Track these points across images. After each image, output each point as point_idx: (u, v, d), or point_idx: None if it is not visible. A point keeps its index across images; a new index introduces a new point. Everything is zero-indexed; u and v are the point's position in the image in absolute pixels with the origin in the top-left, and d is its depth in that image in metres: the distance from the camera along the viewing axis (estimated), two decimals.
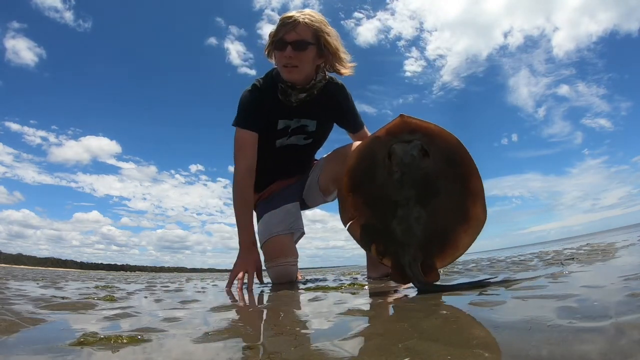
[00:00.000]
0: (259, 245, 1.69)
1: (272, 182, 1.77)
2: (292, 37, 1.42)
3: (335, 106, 1.66)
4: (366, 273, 1.74)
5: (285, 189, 1.75)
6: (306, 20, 1.41)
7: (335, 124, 1.76)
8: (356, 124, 1.75)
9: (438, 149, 0.96)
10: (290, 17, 1.42)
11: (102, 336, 0.51)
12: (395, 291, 1.04)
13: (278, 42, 1.44)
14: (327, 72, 1.58)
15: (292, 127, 1.64)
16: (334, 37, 1.47)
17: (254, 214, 1.83)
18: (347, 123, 1.75)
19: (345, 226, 1.06)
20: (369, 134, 1.76)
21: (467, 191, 0.95)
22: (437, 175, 0.96)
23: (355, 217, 1.03)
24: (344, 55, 1.51)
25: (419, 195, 0.95)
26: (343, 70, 1.54)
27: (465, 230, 0.95)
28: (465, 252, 0.98)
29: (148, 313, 0.84)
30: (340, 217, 1.06)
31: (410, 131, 0.96)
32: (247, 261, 1.46)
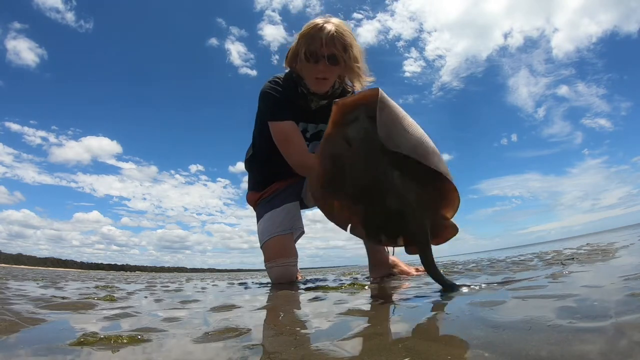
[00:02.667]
0: (259, 244, 1.69)
1: (274, 181, 1.77)
2: (326, 51, 1.39)
3: None
4: (366, 273, 1.74)
5: (286, 188, 1.76)
6: (339, 33, 1.39)
7: None
8: None
9: (378, 110, 0.89)
10: (323, 28, 1.39)
11: (102, 336, 0.51)
12: (396, 291, 1.04)
13: (311, 54, 1.41)
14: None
15: (310, 133, 1.64)
16: (358, 50, 1.46)
17: (254, 213, 1.83)
18: None
19: (347, 231, 1.02)
20: None
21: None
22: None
23: (349, 217, 1.00)
24: (364, 70, 1.51)
25: (392, 159, 0.90)
26: (357, 85, 1.55)
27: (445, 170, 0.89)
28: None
29: (148, 313, 0.84)
30: (338, 226, 1.02)
31: (351, 110, 0.93)
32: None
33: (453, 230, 0.94)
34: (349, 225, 1.01)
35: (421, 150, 0.87)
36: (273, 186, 1.76)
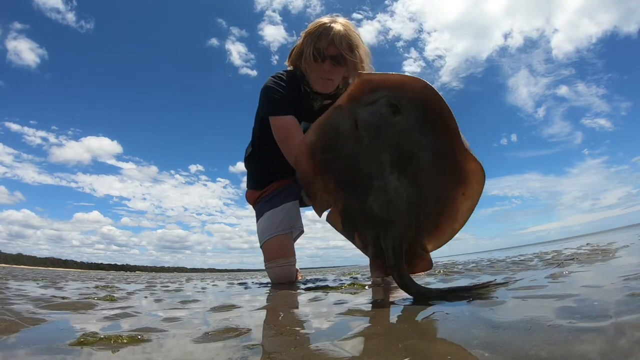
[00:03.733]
0: (259, 244, 1.69)
1: (273, 180, 1.77)
2: (332, 51, 1.38)
3: None
4: (367, 273, 1.74)
5: (286, 187, 1.75)
6: (346, 33, 1.38)
7: None
8: None
9: (409, 100, 0.77)
10: (330, 27, 1.37)
11: (102, 336, 0.51)
12: (396, 291, 1.03)
13: (317, 54, 1.39)
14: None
15: None
16: (364, 52, 1.45)
17: (254, 212, 1.83)
18: None
19: (320, 216, 0.91)
20: None
21: (454, 143, 0.75)
22: (413, 131, 0.78)
23: (329, 203, 0.88)
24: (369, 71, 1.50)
25: (395, 159, 0.78)
26: None
27: (463, 192, 0.76)
28: (466, 223, 0.79)
29: (148, 313, 0.84)
30: (313, 207, 0.91)
31: (373, 89, 0.79)
32: None
33: (426, 265, 0.83)
34: (327, 212, 0.90)
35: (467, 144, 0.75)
36: (272, 185, 1.76)
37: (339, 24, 1.39)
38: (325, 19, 1.42)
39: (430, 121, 0.77)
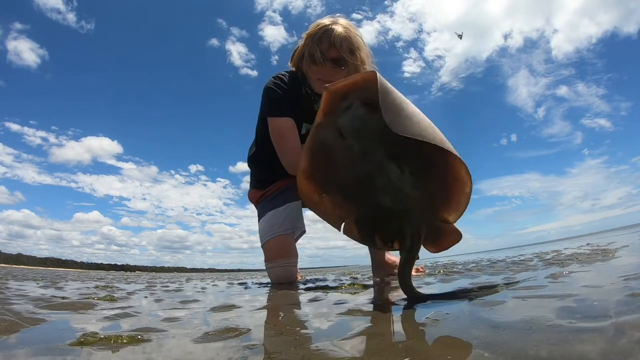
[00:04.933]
0: (259, 244, 1.69)
1: (276, 180, 1.77)
2: (333, 54, 1.38)
3: None
4: (367, 273, 1.74)
5: (288, 187, 1.75)
6: (347, 35, 1.37)
7: None
8: None
9: (376, 93, 0.77)
10: (331, 29, 1.36)
11: (102, 336, 0.51)
12: (396, 291, 1.03)
13: (318, 56, 1.38)
14: None
15: None
16: (365, 53, 1.44)
17: (255, 211, 1.83)
18: None
19: (340, 230, 0.93)
20: None
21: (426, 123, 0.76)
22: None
23: (343, 216, 0.91)
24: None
25: (389, 152, 0.81)
26: None
27: (454, 158, 0.76)
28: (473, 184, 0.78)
29: (148, 313, 0.84)
30: (330, 223, 0.93)
31: (343, 97, 0.82)
32: None
33: (455, 237, 0.83)
34: (343, 224, 0.92)
35: (432, 133, 0.74)
36: (275, 185, 1.75)
37: (340, 25, 1.39)
38: (326, 20, 1.42)
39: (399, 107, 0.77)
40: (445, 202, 0.81)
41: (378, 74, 0.77)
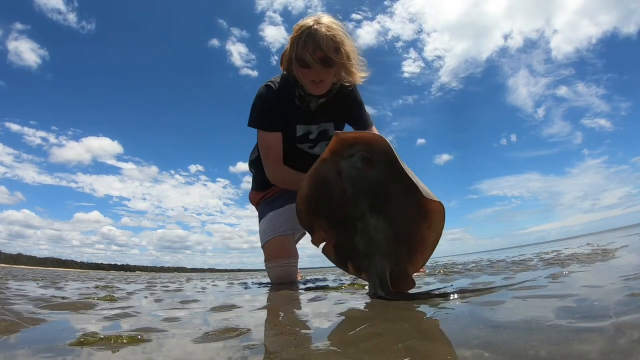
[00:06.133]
0: (260, 244, 1.69)
1: None
2: (319, 55, 1.38)
3: (348, 106, 1.66)
4: None
5: (288, 190, 1.75)
6: (330, 34, 1.37)
7: (346, 124, 1.75)
8: (366, 123, 1.75)
9: (379, 154, 0.96)
10: (314, 31, 1.37)
11: (102, 336, 0.51)
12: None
13: (305, 60, 1.39)
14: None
15: (315, 134, 1.63)
16: (350, 47, 1.44)
17: (256, 212, 1.83)
18: (358, 122, 1.74)
19: (317, 247, 1.09)
20: (377, 132, 1.75)
21: (416, 188, 0.89)
22: (386, 180, 0.96)
23: (324, 238, 1.06)
24: (357, 66, 1.48)
25: (373, 204, 0.97)
26: (351, 80, 1.54)
27: (428, 227, 0.92)
28: (435, 250, 0.94)
29: (148, 313, 0.84)
30: (312, 242, 1.10)
31: (349, 146, 0.98)
32: None
33: (410, 285, 0.96)
34: (322, 244, 1.08)
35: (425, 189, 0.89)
36: (276, 187, 1.76)
37: (322, 24, 1.38)
38: (308, 21, 1.41)
39: (396, 171, 0.94)
40: (407, 258, 0.95)
41: (389, 142, 0.95)
